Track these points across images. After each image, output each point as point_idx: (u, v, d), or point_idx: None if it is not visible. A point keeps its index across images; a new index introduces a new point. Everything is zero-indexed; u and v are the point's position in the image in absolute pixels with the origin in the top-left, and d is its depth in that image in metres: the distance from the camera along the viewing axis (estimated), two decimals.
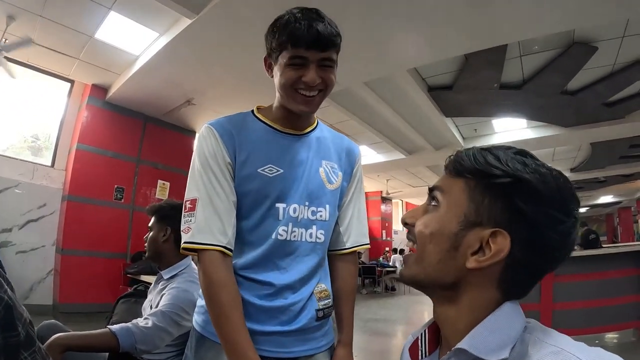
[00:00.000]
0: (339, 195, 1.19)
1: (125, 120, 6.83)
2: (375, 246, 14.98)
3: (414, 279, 0.65)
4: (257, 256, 1.05)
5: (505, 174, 0.57)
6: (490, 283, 0.59)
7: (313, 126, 1.19)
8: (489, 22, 4.06)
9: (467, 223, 0.60)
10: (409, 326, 6.94)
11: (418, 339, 0.72)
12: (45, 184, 6.15)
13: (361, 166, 1.30)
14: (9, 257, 5.48)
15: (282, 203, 1.06)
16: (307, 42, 0.98)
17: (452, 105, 7.06)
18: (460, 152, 0.65)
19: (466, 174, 0.62)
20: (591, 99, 6.41)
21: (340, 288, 1.21)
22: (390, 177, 13.40)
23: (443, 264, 0.61)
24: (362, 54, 4.77)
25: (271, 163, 1.07)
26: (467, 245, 0.59)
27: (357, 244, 1.23)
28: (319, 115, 5.87)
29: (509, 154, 0.60)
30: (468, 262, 0.58)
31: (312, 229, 1.10)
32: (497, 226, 0.57)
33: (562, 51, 5.24)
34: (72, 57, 5.72)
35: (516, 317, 0.58)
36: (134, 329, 1.56)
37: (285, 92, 1.04)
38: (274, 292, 1.04)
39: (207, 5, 4.07)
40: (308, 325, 1.07)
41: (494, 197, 0.59)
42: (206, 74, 5.45)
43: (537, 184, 0.56)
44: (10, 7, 4.58)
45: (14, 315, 0.89)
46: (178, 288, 1.73)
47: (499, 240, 0.56)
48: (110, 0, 4.43)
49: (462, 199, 0.61)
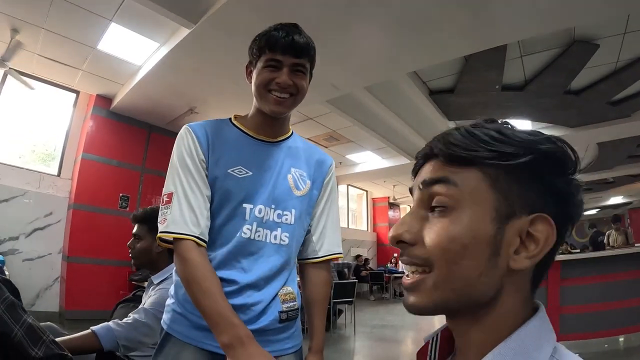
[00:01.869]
0: (309, 203, 1.23)
1: (130, 129, 6.93)
2: (384, 252, 14.94)
3: (436, 308, 0.52)
4: (223, 254, 1.09)
5: (526, 151, 0.49)
6: (526, 279, 0.51)
7: (286, 135, 1.26)
8: (486, 23, 4.04)
9: (501, 219, 0.49)
10: (417, 332, 6.87)
11: (429, 343, 0.62)
12: (51, 192, 6.23)
13: (335, 177, 1.34)
14: (16, 264, 5.57)
15: (249, 204, 1.11)
16: (283, 46, 1.09)
17: (454, 108, 7.04)
18: (450, 133, 0.54)
19: (478, 159, 0.50)
20: (596, 98, 6.35)
21: (311, 296, 1.24)
22: (396, 182, 13.34)
23: (485, 276, 0.49)
24: (361, 59, 4.80)
25: (241, 165, 1.13)
26: (507, 245, 0.49)
27: (330, 253, 1.27)
28: (323, 122, 5.90)
29: (504, 128, 0.52)
30: (516, 263, 0.48)
31: (277, 231, 1.14)
32: (532, 211, 0.49)
33: (563, 50, 5.21)
34: (75, 68, 5.82)
35: (545, 336, 0.49)
36: (114, 326, 1.60)
37: (259, 93, 1.13)
38: (237, 289, 1.07)
39: (204, 15, 4.13)
40: (270, 327, 1.09)
41: (520, 180, 0.49)
42: (207, 82, 5.51)
43: (558, 152, 0.50)
44: (14, 20, 4.68)
45: None
46: (163, 289, 1.75)
47: (540, 227, 0.48)
48: (110, 12, 4.51)
49: (485, 191, 0.50)
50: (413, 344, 5.94)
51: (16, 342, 1.06)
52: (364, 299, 11.48)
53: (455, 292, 0.50)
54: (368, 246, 14.58)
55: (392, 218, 15.56)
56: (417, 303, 0.52)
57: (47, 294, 5.94)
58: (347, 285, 6.61)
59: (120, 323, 1.63)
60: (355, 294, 6.66)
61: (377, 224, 15.56)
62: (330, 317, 6.18)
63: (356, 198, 15.31)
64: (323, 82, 5.33)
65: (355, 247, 13.59)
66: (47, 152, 6.95)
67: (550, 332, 0.49)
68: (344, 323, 7.08)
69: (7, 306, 1.07)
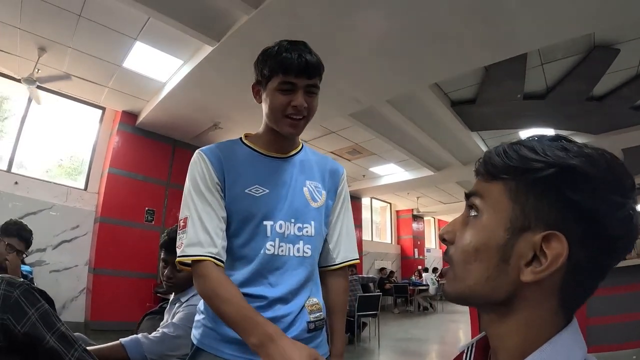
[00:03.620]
0: (325, 213, 1.25)
1: (155, 144, 7.09)
2: (408, 265, 14.78)
3: (459, 297, 0.57)
4: (249, 272, 1.11)
5: (547, 165, 0.49)
6: (549, 294, 0.51)
7: (297, 149, 1.28)
8: (506, 33, 4.02)
9: (515, 229, 0.51)
10: (443, 345, 6.78)
11: (463, 352, 0.65)
12: (78, 206, 6.40)
13: (346, 185, 1.36)
14: (43, 275, 5.71)
15: (270, 221, 1.13)
16: (297, 69, 1.09)
17: (476, 119, 6.97)
18: (489, 151, 0.57)
19: (502, 174, 0.54)
20: (618, 103, 6.19)
21: (331, 302, 1.26)
22: (420, 194, 13.27)
23: (493, 280, 0.53)
24: (382, 72, 4.82)
25: (257, 184, 1.15)
26: (518, 256, 0.51)
27: (347, 260, 1.29)
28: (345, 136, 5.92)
29: (544, 142, 0.52)
30: (523, 275, 0.50)
31: (299, 244, 1.16)
32: (548, 228, 0.49)
33: (583, 56, 5.12)
34: (102, 86, 6.01)
35: (576, 348, 0.50)
36: (143, 339, 1.63)
37: (274, 116, 1.14)
38: (266, 304, 1.09)
39: (227, 33, 4.26)
40: (299, 337, 1.10)
41: (539, 194, 0.50)
42: (230, 98, 5.60)
43: (586, 167, 0.48)
44: (41, 40, 4.87)
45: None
46: (192, 305, 1.77)
47: (553, 245, 0.48)
48: (135, 31, 4.66)
49: (504, 203, 0.53)
50: (438, 358, 5.86)
51: (49, 348, 1.12)
52: (388, 312, 11.36)
53: (469, 289, 0.55)
54: (392, 259, 14.45)
55: (416, 230, 15.43)
56: (446, 290, 0.59)
57: (73, 305, 6.08)
58: (372, 298, 6.58)
59: (149, 337, 1.66)
60: (379, 307, 6.63)
61: (401, 236, 15.43)
62: (354, 330, 6.15)
63: (380, 211, 15.23)
64: (345, 96, 5.38)
65: (379, 259, 13.48)
66: (73, 167, 7.16)
67: (582, 345, 0.51)
68: (368, 336, 7.04)
69: (41, 314, 1.14)
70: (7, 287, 1.11)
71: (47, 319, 1.14)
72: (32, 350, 1.11)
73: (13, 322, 1.07)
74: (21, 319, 1.09)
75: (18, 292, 1.12)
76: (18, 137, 6.09)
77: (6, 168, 5.91)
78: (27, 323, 1.09)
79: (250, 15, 3.87)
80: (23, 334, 1.08)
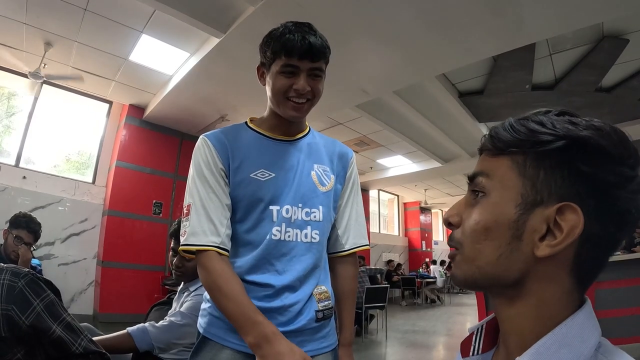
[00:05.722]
0: (334, 198, 1.22)
1: (162, 137, 7.11)
2: (415, 257, 14.80)
3: (467, 281, 0.55)
4: (254, 257, 1.09)
5: (558, 137, 0.49)
6: (562, 270, 0.50)
7: (304, 132, 1.25)
8: (514, 23, 3.97)
9: (527, 205, 0.50)
10: (450, 338, 6.76)
11: (473, 333, 0.64)
12: (86, 199, 6.45)
13: (356, 169, 1.32)
14: (52, 269, 5.78)
15: (276, 205, 1.11)
16: (300, 52, 1.05)
17: (484, 110, 6.92)
18: (495, 126, 0.56)
19: (510, 148, 0.53)
20: (627, 94, 6.13)
21: (340, 290, 1.24)
22: (427, 186, 13.24)
23: (505, 259, 0.51)
24: (389, 62, 4.78)
25: (263, 168, 1.12)
26: (531, 231, 0.49)
27: (356, 246, 1.26)
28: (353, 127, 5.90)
29: (551, 116, 0.51)
30: (538, 250, 0.49)
31: (306, 229, 1.14)
32: (562, 200, 0.48)
33: (592, 46, 5.07)
34: (108, 79, 6.02)
35: (591, 330, 0.49)
36: (150, 327, 1.64)
37: (276, 99, 1.11)
38: (273, 293, 1.07)
39: (233, 24, 4.24)
40: (307, 326, 1.09)
41: (550, 168, 0.49)
42: (237, 90, 5.59)
43: (598, 139, 0.47)
44: (47, 34, 4.88)
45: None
46: (199, 295, 1.77)
47: (568, 217, 0.47)
48: (141, 24, 4.65)
49: (513, 178, 0.52)
50: (445, 350, 5.85)
51: (55, 338, 1.11)
52: (396, 304, 11.36)
53: (479, 270, 0.53)
54: (400, 251, 14.46)
55: (423, 222, 15.43)
56: (454, 273, 0.57)
57: (81, 298, 6.15)
58: (379, 290, 6.58)
59: (156, 325, 1.66)
60: (387, 299, 6.63)
61: (409, 228, 15.43)
62: (362, 322, 6.15)
63: (387, 203, 15.22)
64: (353, 88, 5.35)
65: (387, 252, 13.50)
66: (81, 161, 7.20)
67: (596, 327, 0.50)
68: (376, 328, 7.05)
69: (46, 304, 1.12)
70: (12, 277, 1.09)
71: (52, 309, 1.13)
72: (37, 341, 1.10)
73: (18, 312, 1.05)
74: (26, 310, 1.07)
75: (23, 282, 1.10)
76: (26, 132, 6.13)
77: (14, 163, 5.95)
78: (32, 314, 1.08)
79: (257, 7, 3.85)
80: (28, 325, 1.06)
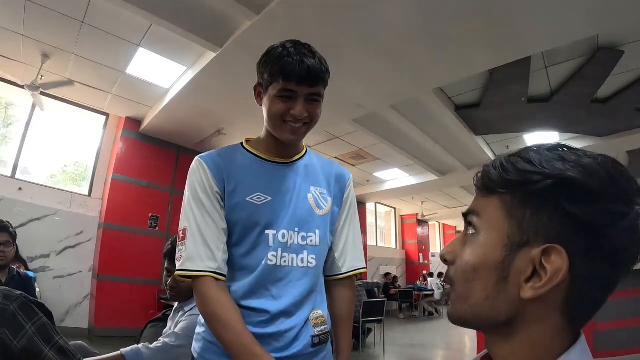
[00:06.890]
0: (331, 221, 1.20)
1: (159, 150, 7.10)
2: (413, 270, 14.72)
3: (460, 320, 0.56)
4: (250, 283, 1.07)
5: (544, 177, 0.47)
6: (553, 310, 0.49)
7: (301, 154, 1.23)
8: (509, 36, 4.01)
9: (513, 245, 0.50)
10: (448, 351, 6.74)
11: None
12: (82, 212, 6.41)
13: (353, 191, 1.31)
14: (47, 281, 5.73)
15: (272, 230, 1.09)
16: (298, 77, 1.03)
17: (481, 123, 6.95)
18: (487, 165, 0.56)
19: (498, 189, 0.52)
20: (623, 105, 6.15)
21: (337, 313, 1.22)
22: (424, 199, 13.20)
23: (493, 300, 0.51)
24: (385, 77, 4.81)
25: (259, 191, 1.10)
26: (517, 272, 0.49)
27: (353, 269, 1.25)
28: (349, 141, 5.89)
29: (542, 152, 0.50)
30: (523, 292, 0.48)
31: (303, 254, 1.12)
32: (548, 240, 0.47)
33: (587, 59, 5.10)
34: (105, 92, 6.03)
35: None
36: (144, 349, 1.62)
37: (273, 122, 1.09)
38: (269, 318, 1.05)
39: (229, 39, 4.26)
40: (303, 352, 1.07)
41: (536, 207, 0.49)
42: (233, 104, 5.60)
43: (584, 178, 0.46)
44: (45, 46, 4.90)
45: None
46: (194, 315, 1.76)
47: (553, 259, 0.46)
48: (138, 38, 4.67)
49: (501, 219, 0.52)
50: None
51: None
52: (393, 317, 11.30)
53: (471, 309, 0.53)
54: (397, 264, 14.40)
55: (420, 235, 15.36)
56: (449, 312, 0.58)
57: (76, 311, 6.08)
58: (376, 304, 6.55)
59: (149, 347, 1.64)
60: (384, 312, 6.60)
61: (406, 241, 15.36)
62: (359, 336, 6.11)
63: (384, 215, 15.17)
64: (349, 102, 5.37)
65: (384, 265, 13.43)
66: (77, 173, 7.18)
67: None
68: (373, 342, 6.99)
69: (39, 328, 1.11)
70: (4, 300, 1.08)
71: (44, 333, 1.11)
72: None
73: (10, 336, 1.04)
74: (18, 333, 1.06)
75: (15, 305, 1.08)
76: (22, 143, 6.12)
77: (10, 174, 5.93)
78: (24, 337, 1.06)
79: (253, 21, 3.87)
80: (20, 348, 1.05)
